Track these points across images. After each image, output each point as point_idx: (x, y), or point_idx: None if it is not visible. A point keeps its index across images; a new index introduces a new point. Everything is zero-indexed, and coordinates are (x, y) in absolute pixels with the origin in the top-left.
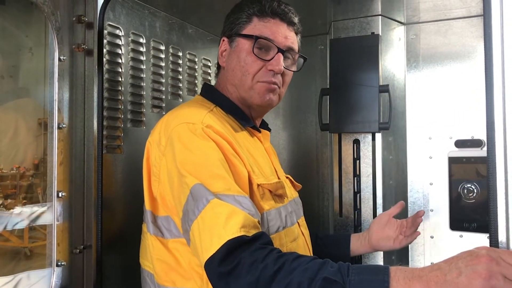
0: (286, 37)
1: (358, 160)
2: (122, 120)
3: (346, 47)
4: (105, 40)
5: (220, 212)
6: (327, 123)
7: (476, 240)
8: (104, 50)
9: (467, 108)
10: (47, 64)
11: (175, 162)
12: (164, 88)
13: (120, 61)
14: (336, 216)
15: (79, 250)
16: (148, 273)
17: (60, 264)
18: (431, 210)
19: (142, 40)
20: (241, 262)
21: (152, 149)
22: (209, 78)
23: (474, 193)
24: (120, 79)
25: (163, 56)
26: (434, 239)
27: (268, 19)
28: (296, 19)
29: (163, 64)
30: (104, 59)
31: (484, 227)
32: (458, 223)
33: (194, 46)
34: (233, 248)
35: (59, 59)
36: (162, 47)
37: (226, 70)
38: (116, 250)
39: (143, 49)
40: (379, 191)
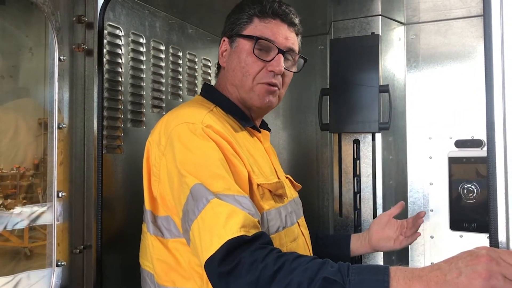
0: (286, 38)
1: (358, 160)
2: (122, 120)
3: (346, 47)
4: (105, 40)
5: (220, 212)
6: (327, 123)
7: (476, 240)
8: (104, 50)
9: (467, 108)
10: (47, 64)
11: (175, 162)
12: (164, 88)
13: (120, 61)
14: (336, 216)
15: (79, 250)
16: (148, 273)
17: (60, 264)
18: (431, 210)
19: (142, 40)
20: (241, 262)
21: (152, 149)
22: (209, 78)
23: (474, 193)
24: (120, 79)
25: (163, 56)
26: (434, 239)
27: (269, 19)
28: (297, 20)
29: (163, 64)
30: (104, 59)
31: (484, 227)
32: (458, 223)
33: (194, 46)
34: (233, 248)
35: (59, 59)
36: (162, 47)
37: (226, 70)
38: (116, 250)
39: (143, 49)
40: (379, 191)
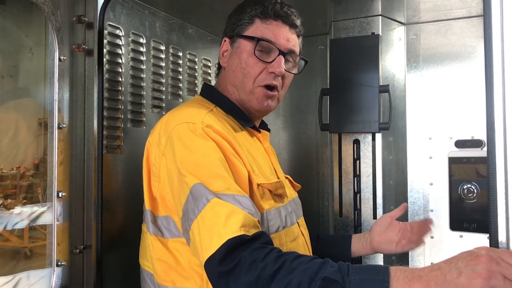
0: (287, 39)
1: (358, 160)
2: (122, 120)
3: (346, 47)
4: (105, 40)
5: (220, 212)
6: (327, 123)
7: (476, 240)
8: (104, 50)
9: (467, 108)
10: (47, 64)
11: (175, 162)
12: (164, 88)
13: (120, 61)
14: (336, 216)
15: (79, 250)
16: (147, 273)
17: (60, 264)
18: (431, 210)
19: (142, 40)
20: (241, 262)
21: (152, 149)
22: (209, 78)
23: (474, 193)
24: (120, 79)
25: (163, 56)
26: (434, 239)
27: (271, 21)
28: (298, 22)
29: (163, 64)
30: (104, 59)
31: (484, 227)
32: (458, 223)
33: (194, 46)
34: (233, 247)
35: (59, 59)
36: (162, 47)
37: (227, 71)
38: (116, 250)
39: (143, 49)
40: (379, 191)
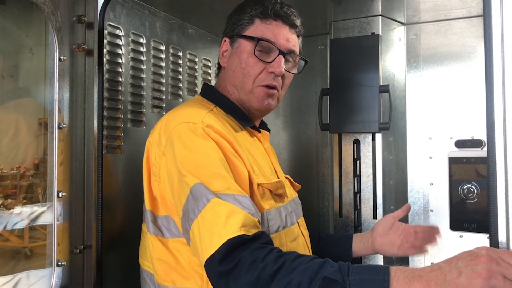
0: (287, 39)
1: (358, 160)
2: (122, 120)
3: (346, 47)
4: (105, 40)
5: (220, 211)
6: (327, 123)
7: (476, 240)
8: (104, 50)
9: (467, 108)
10: (48, 64)
11: (175, 162)
12: (164, 88)
13: (120, 61)
14: (336, 216)
15: (79, 250)
16: (147, 273)
17: (60, 264)
18: (431, 210)
19: (142, 40)
20: (241, 262)
21: (152, 148)
22: (209, 78)
23: (474, 193)
24: (120, 79)
25: (163, 56)
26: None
27: (271, 21)
28: (298, 22)
29: (163, 64)
30: (104, 59)
31: (484, 227)
32: (458, 223)
33: (195, 46)
34: (233, 247)
35: (60, 59)
36: (162, 47)
37: (226, 71)
38: (116, 250)
39: (143, 49)
40: (379, 191)
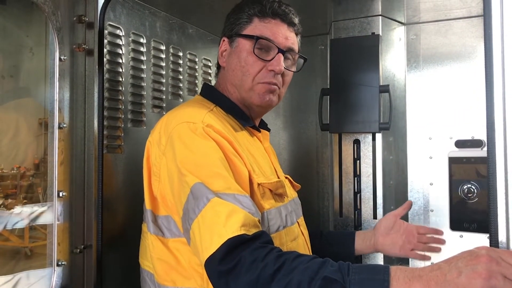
0: (286, 37)
1: (358, 160)
2: (122, 120)
3: (346, 47)
4: (105, 40)
5: (220, 211)
6: (327, 123)
7: (476, 240)
8: (105, 50)
9: (467, 108)
10: (48, 64)
11: (176, 161)
12: (164, 88)
13: (120, 61)
14: (336, 216)
15: (79, 250)
16: (148, 273)
17: (60, 263)
18: (431, 210)
19: (143, 40)
20: (241, 261)
21: (152, 148)
22: (209, 78)
23: (474, 193)
24: (120, 79)
25: (163, 56)
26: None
27: (269, 19)
28: (296, 20)
29: (164, 64)
30: (104, 59)
31: (484, 227)
32: (458, 223)
33: (195, 46)
34: (233, 246)
35: (60, 59)
36: (163, 47)
37: (226, 70)
38: (116, 250)
39: (143, 49)
40: (379, 191)
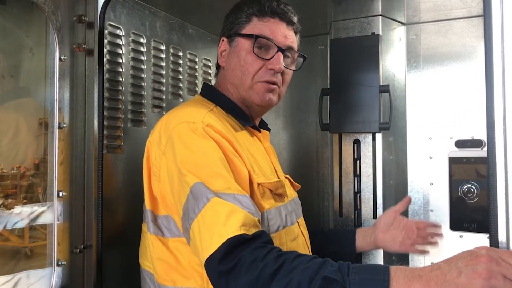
0: (285, 36)
1: (358, 160)
2: (122, 120)
3: (346, 47)
4: (105, 40)
5: (220, 211)
6: (327, 123)
7: (476, 240)
8: (105, 50)
9: (467, 108)
10: (48, 64)
11: (176, 161)
12: (164, 88)
13: (120, 61)
14: (336, 216)
15: (79, 250)
16: (148, 273)
17: (60, 263)
18: (431, 210)
19: (143, 40)
20: (241, 261)
21: (152, 148)
22: (209, 78)
23: (474, 193)
24: (120, 79)
25: (163, 56)
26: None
27: (268, 18)
28: (295, 19)
29: (164, 64)
30: (104, 59)
31: (484, 227)
32: (458, 223)
33: (195, 46)
34: (233, 246)
35: (60, 59)
36: (163, 47)
37: (225, 70)
38: (116, 250)
39: (143, 49)
40: (379, 191)
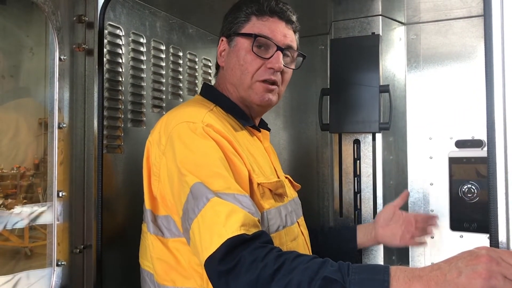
0: (285, 35)
1: (358, 160)
2: (122, 120)
3: (346, 47)
4: (105, 40)
5: (220, 211)
6: (327, 123)
7: (477, 240)
8: (105, 50)
9: (467, 108)
10: (48, 64)
11: (175, 161)
12: (164, 88)
13: (120, 61)
14: (336, 216)
15: (79, 250)
16: (147, 273)
17: (60, 263)
18: (431, 210)
19: (143, 40)
20: (241, 261)
21: (152, 148)
22: (209, 78)
23: (474, 193)
24: (120, 79)
25: (163, 56)
26: (434, 239)
27: (267, 17)
28: (294, 18)
29: (164, 64)
30: (104, 59)
31: (484, 227)
32: (458, 223)
33: (195, 46)
34: (233, 246)
35: (60, 59)
36: (163, 47)
37: (225, 70)
38: (116, 250)
39: (143, 49)
40: (379, 191)
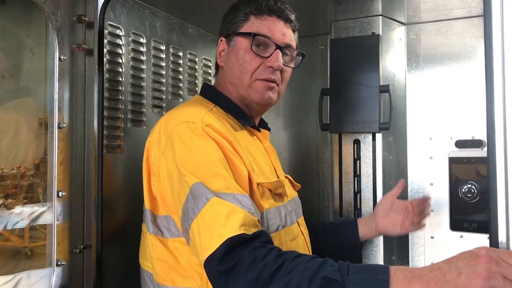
0: (283, 34)
1: (358, 160)
2: (122, 120)
3: (346, 47)
4: (105, 40)
5: (220, 211)
6: (327, 123)
7: (476, 241)
8: (105, 50)
9: (467, 108)
10: (48, 64)
11: (175, 161)
12: (164, 88)
13: (120, 61)
14: (336, 216)
15: (79, 250)
16: (147, 273)
17: (60, 263)
18: (431, 210)
19: (143, 40)
20: (240, 261)
21: (152, 148)
22: (209, 78)
23: (474, 193)
24: (120, 79)
25: (163, 56)
26: (434, 239)
27: (265, 16)
28: (293, 17)
29: (164, 64)
30: (104, 59)
31: (484, 227)
32: (458, 223)
33: (195, 46)
34: (232, 246)
35: (60, 59)
36: (163, 47)
37: (224, 70)
38: (116, 250)
39: (143, 49)
40: (379, 191)
